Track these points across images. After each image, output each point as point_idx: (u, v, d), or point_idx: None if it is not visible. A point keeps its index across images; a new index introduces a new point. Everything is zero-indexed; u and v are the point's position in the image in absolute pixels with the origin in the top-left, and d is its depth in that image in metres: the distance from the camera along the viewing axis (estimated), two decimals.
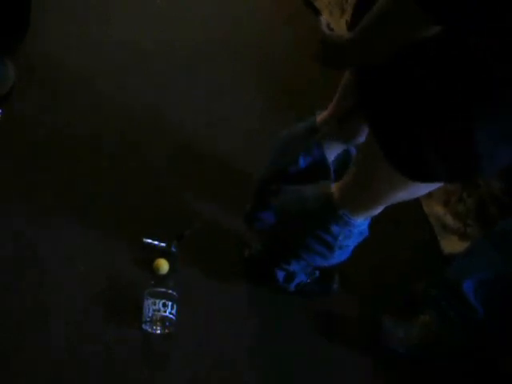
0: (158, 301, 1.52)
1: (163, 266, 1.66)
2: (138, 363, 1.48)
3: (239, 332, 1.64)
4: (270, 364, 1.61)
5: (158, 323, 1.52)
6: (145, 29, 2.42)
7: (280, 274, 1.67)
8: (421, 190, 1.23)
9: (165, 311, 1.52)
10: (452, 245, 2.07)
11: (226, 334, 1.62)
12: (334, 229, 1.35)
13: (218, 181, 1.98)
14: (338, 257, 1.45)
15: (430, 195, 2.20)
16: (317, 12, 2.79)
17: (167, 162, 1.99)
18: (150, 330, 1.52)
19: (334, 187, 1.36)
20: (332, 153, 1.54)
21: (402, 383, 1.69)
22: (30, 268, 1.54)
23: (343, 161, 1.57)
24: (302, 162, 1.54)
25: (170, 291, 1.55)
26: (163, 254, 1.69)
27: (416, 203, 2.23)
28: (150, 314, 1.51)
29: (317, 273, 1.76)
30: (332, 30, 1.11)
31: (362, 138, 1.45)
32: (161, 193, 1.87)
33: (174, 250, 1.72)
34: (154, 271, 1.65)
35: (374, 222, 1.46)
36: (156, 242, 1.71)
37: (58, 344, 1.43)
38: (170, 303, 1.53)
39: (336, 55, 1.10)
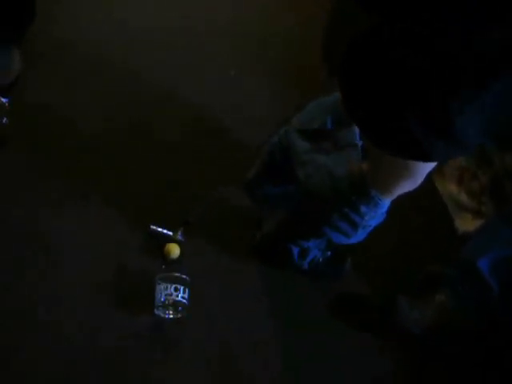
0: (169, 285, 1.52)
1: (174, 250, 1.66)
2: (149, 351, 1.48)
3: (250, 318, 1.63)
4: (281, 351, 1.60)
5: (171, 308, 1.52)
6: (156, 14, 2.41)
7: (294, 250, 1.67)
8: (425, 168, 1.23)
9: (177, 296, 1.52)
10: (466, 223, 2.05)
11: (235, 321, 1.61)
12: (363, 209, 1.37)
13: (226, 166, 1.96)
14: (359, 236, 1.46)
15: (443, 174, 2.17)
16: None
17: (175, 145, 1.98)
18: (162, 314, 1.52)
19: (364, 167, 1.36)
20: None
21: (410, 370, 1.68)
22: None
23: None
24: (329, 123, 1.53)
25: (182, 275, 1.55)
26: (170, 241, 1.68)
27: (429, 181, 2.20)
28: (163, 299, 1.52)
29: (328, 253, 1.74)
30: None
31: None
32: (168, 178, 1.86)
33: (180, 237, 1.70)
34: (165, 256, 1.65)
35: None
36: (164, 231, 1.70)
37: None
38: (181, 287, 1.53)
39: None
